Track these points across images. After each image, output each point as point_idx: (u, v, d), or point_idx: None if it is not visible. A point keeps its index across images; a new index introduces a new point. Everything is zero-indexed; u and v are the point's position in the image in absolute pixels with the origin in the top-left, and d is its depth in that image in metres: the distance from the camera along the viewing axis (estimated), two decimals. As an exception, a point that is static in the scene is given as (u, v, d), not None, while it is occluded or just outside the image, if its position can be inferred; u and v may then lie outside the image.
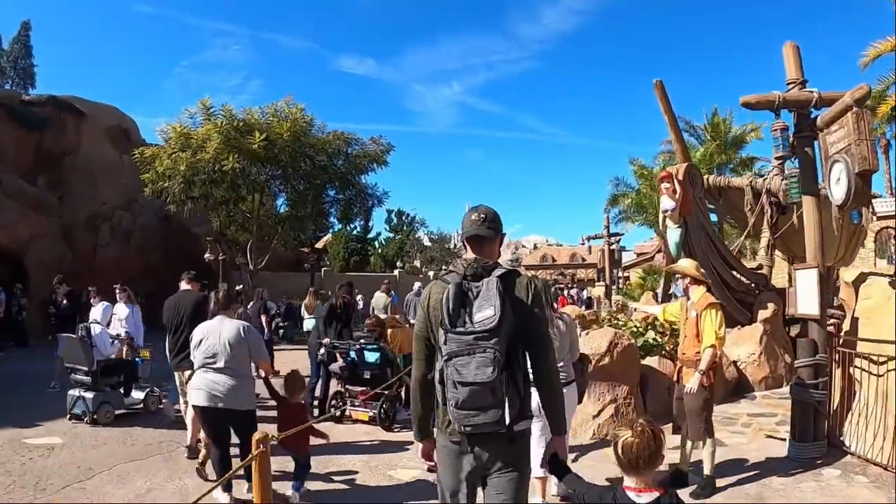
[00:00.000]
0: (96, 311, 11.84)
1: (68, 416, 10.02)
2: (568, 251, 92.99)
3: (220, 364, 6.33)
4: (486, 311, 3.34)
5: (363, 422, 9.96)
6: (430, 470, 5.32)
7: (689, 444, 7.21)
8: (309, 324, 16.99)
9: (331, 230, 44.11)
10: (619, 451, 2.98)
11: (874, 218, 15.98)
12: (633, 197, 27.83)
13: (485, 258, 3.64)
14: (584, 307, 31.83)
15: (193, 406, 6.61)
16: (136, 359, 11.31)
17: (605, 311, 16.95)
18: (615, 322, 12.41)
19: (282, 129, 23.85)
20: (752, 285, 14.55)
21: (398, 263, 51.78)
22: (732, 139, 27.64)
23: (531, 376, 3.63)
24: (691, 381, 6.76)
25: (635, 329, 11.65)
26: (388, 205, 68.55)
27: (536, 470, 5.25)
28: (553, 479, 6.22)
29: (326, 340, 10.96)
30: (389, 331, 10.74)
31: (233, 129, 23.48)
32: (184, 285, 9.15)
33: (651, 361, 10.48)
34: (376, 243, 61.80)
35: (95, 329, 10.52)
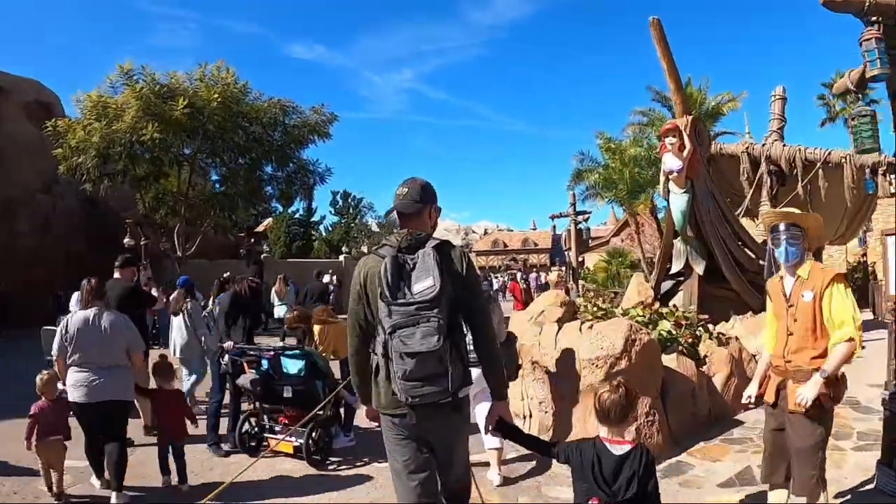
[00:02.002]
0: (73, 301, 10.70)
1: None
2: (519, 236, 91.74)
3: (98, 357, 6.16)
4: (425, 282, 3.41)
5: (287, 455, 7.27)
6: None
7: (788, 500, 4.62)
8: (280, 311, 17.78)
9: (272, 213, 41.53)
10: (597, 402, 3.50)
11: (892, 189, 14.10)
12: (600, 172, 25.67)
13: (416, 230, 3.70)
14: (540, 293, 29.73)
15: (72, 402, 6.21)
16: None
17: (579, 298, 14.51)
18: (600, 310, 9.97)
19: (209, 95, 21.06)
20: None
21: (344, 249, 48.84)
22: (708, 111, 25.52)
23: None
24: (804, 392, 4.24)
25: (641, 318, 9.19)
26: (332, 185, 66.24)
27: (490, 442, 6.02)
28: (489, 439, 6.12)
29: (229, 344, 7.85)
30: (318, 328, 8.02)
31: (153, 95, 20.71)
32: (116, 274, 8.53)
33: (668, 361, 7.95)
34: (322, 228, 59.26)
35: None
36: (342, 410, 7.80)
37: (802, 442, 4.33)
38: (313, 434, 7.04)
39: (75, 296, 9.82)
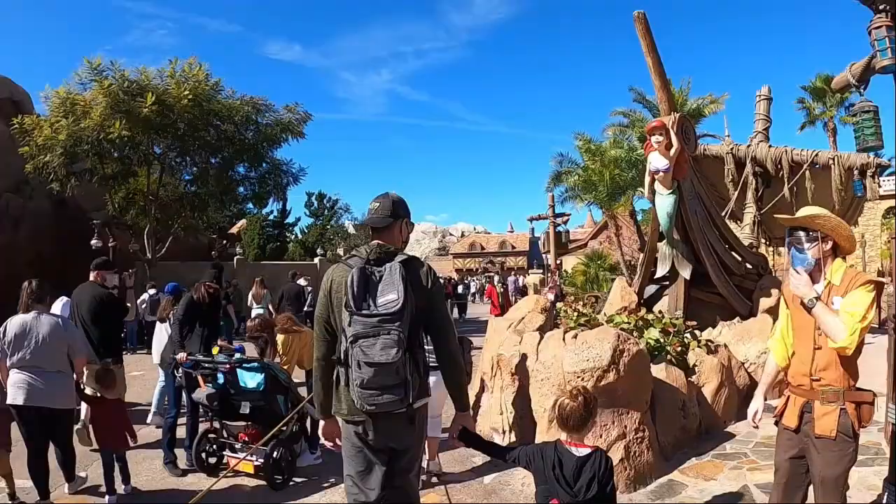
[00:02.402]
0: (56, 306, 10.13)
1: None
2: (497, 239, 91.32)
3: (37, 361, 6.04)
4: (389, 295, 3.53)
5: (248, 475, 6.73)
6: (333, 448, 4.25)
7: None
8: (256, 313, 17.11)
9: (246, 215, 40.80)
10: (556, 409, 3.67)
11: (882, 190, 13.81)
12: (579, 174, 25.23)
13: (386, 243, 3.81)
14: (519, 297, 29.18)
15: (10, 405, 6.06)
16: None
17: (560, 303, 14.02)
18: (581, 315, 9.48)
19: (180, 91, 20.38)
20: (752, 268, 11.91)
21: (318, 251, 47.96)
22: (689, 113, 25.12)
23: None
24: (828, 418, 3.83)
25: (627, 325, 8.71)
26: (309, 187, 65.42)
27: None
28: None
29: (182, 355, 7.13)
30: (281, 337, 7.43)
31: (122, 92, 20.03)
32: (91, 277, 8.38)
33: (656, 371, 7.46)
34: (297, 230, 58.44)
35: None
36: (309, 425, 7.25)
37: (830, 470, 3.85)
38: (274, 453, 6.47)
39: (58, 303, 9.82)
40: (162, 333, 9.30)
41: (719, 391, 8.20)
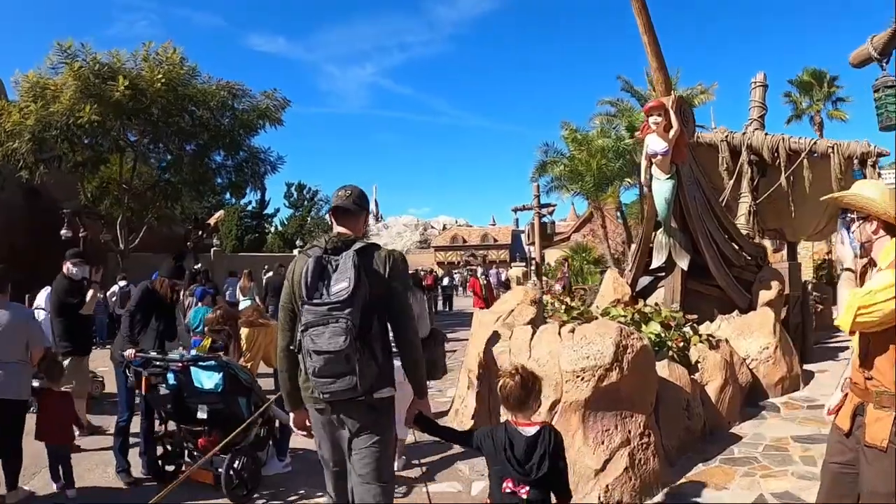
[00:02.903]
0: (41, 297, 10.52)
1: None
2: (479, 231, 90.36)
3: None
4: (341, 284, 3.53)
5: (208, 484, 6.01)
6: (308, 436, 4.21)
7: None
8: (244, 305, 16.63)
9: (224, 205, 39.93)
10: (500, 392, 3.73)
11: (885, 181, 13.26)
12: (565, 163, 24.65)
13: (347, 232, 3.89)
14: (502, 290, 28.53)
15: None
16: None
17: (546, 296, 13.40)
18: (571, 308, 8.86)
19: (153, 75, 19.53)
20: (751, 259, 11.33)
21: (298, 242, 47.12)
22: (678, 102, 24.62)
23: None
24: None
25: (623, 318, 8.09)
26: (290, 178, 64.47)
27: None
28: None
29: (130, 352, 6.37)
30: (245, 331, 6.71)
31: (93, 75, 19.12)
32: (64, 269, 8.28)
33: (658, 368, 6.80)
34: (277, 221, 57.62)
35: (40, 315, 9.38)
36: (278, 429, 6.52)
37: (881, 485, 3.23)
38: (235, 462, 5.75)
39: (42, 293, 9.97)
40: None
41: (723, 389, 7.66)
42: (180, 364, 5.93)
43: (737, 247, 11.05)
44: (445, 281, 35.72)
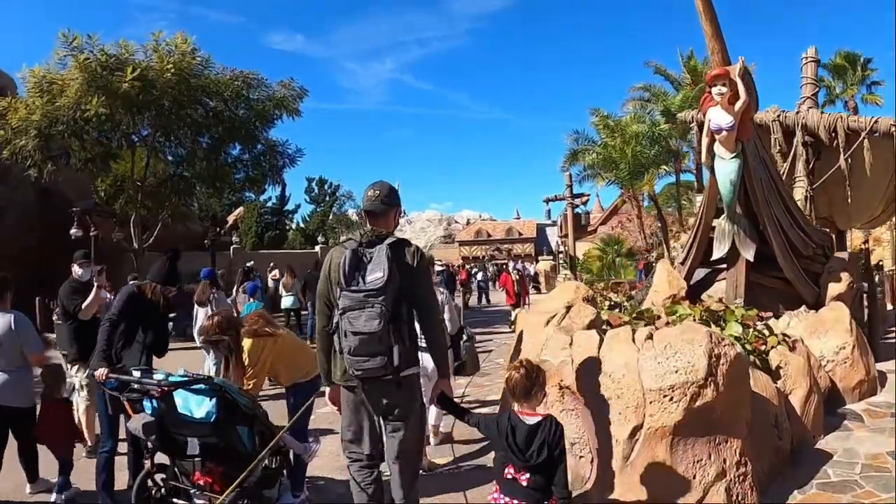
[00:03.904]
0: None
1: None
2: (503, 226, 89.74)
3: None
4: (376, 274, 3.92)
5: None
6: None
7: None
8: (287, 301, 18.00)
9: (244, 202, 39.14)
10: (506, 383, 3.92)
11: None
12: (599, 150, 23.53)
13: (379, 228, 4.22)
14: (531, 285, 27.51)
15: None
16: None
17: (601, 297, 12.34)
18: (630, 310, 7.81)
19: (163, 65, 18.60)
20: (818, 248, 10.18)
21: (320, 238, 46.00)
22: (714, 86, 23.37)
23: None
24: None
25: (690, 318, 6.97)
26: (309, 172, 63.57)
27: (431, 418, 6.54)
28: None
29: (100, 371, 5.19)
30: (248, 343, 5.51)
31: (100, 66, 18.20)
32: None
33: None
34: (298, 217, 56.70)
35: None
36: (292, 459, 5.35)
37: None
38: None
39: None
40: (202, 317, 10.08)
41: (808, 399, 6.54)
42: (160, 389, 4.66)
43: (803, 234, 9.90)
44: (480, 275, 34.46)
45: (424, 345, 4.28)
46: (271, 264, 23.30)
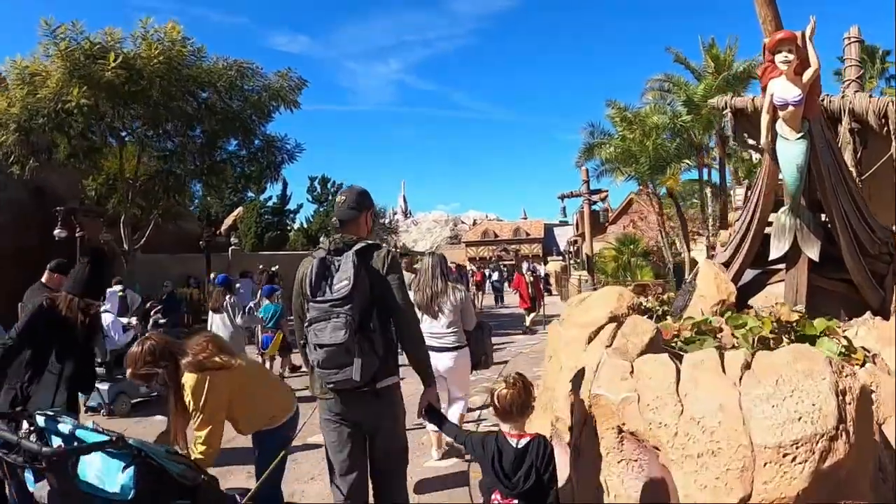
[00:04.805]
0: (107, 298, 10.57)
1: (84, 409, 9.23)
2: (510, 226, 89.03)
3: None
4: (342, 282, 3.76)
5: None
6: None
7: None
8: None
9: (244, 202, 37.93)
10: (496, 401, 3.57)
11: None
12: (617, 143, 22.31)
13: (350, 234, 4.11)
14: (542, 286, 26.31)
15: None
16: None
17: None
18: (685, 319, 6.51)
19: (150, 52, 17.24)
20: (883, 246, 8.85)
21: (322, 239, 44.41)
22: (736, 75, 22.08)
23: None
24: None
25: (758, 331, 5.63)
26: (314, 174, 62.21)
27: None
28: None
29: None
30: (191, 379, 3.90)
31: (83, 55, 16.85)
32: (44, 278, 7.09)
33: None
34: (301, 218, 55.37)
35: (107, 318, 9.90)
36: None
37: None
38: None
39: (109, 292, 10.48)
40: (225, 324, 10.07)
41: (905, 429, 5.14)
42: (48, 455, 2.99)
43: (870, 230, 8.57)
44: (495, 275, 33.56)
45: (438, 345, 4.73)
46: (260, 266, 22.37)
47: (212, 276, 21.78)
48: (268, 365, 12.06)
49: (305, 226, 54.63)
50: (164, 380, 3.96)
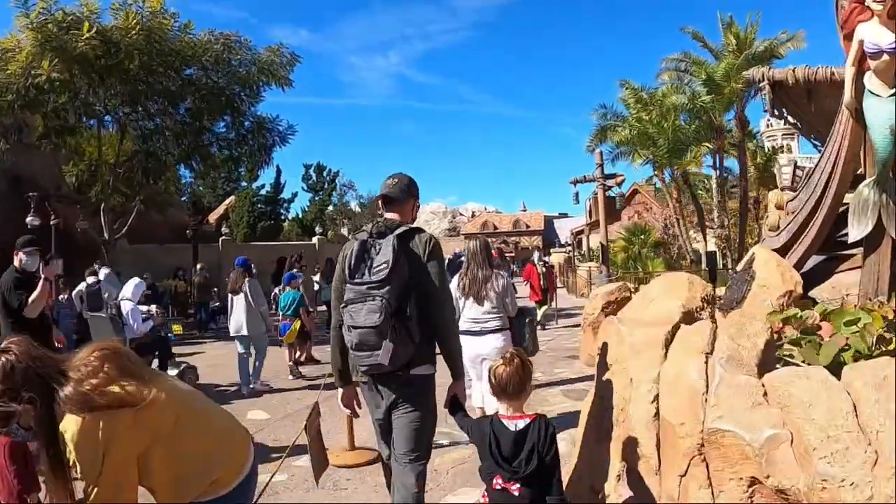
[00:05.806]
0: (127, 287, 10.65)
1: None
2: (510, 218, 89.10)
3: None
4: (381, 265, 3.64)
5: None
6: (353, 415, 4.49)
7: None
8: (326, 294, 16.26)
9: (237, 191, 36.78)
10: (492, 377, 3.32)
11: None
12: (632, 124, 21.25)
13: (394, 217, 4.02)
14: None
15: None
16: (169, 334, 11.80)
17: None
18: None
19: (128, 23, 15.98)
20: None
21: (317, 229, 42.91)
22: (756, 55, 20.96)
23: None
24: None
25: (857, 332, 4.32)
26: (307, 158, 61.07)
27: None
28: None
29: None
30: (73, 425, 2.06)
31: (56, 26, 15.59)
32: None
33: None
34: (297, 209, 54.24)
35: (126, 307, 10.02)
36: None
37: None
38: None
39: (129, 285, 10.50)
40: (244, 306, 9.99)
41: None
42: None
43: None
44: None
45: (480, 329, 5.51)
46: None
47: (198, 266, 20.65)
48: (286, 354, 11.61)
49: (300, 215, 53.45)
50: (29, 423, 2.28)
